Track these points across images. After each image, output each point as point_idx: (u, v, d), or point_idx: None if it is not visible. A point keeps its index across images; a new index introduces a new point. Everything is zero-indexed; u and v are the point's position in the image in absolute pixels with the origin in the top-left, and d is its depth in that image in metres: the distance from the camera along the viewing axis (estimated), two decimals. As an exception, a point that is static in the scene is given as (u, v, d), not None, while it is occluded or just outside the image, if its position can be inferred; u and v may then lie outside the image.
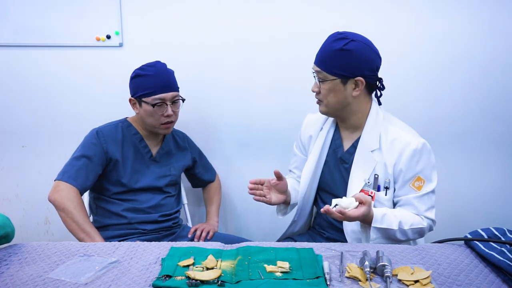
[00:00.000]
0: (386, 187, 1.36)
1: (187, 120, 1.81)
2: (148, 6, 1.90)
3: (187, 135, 1.84)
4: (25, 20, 1.90)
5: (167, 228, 1.66)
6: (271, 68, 1.93)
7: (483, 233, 1.17)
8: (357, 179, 1.38)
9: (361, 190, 1.36)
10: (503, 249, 1.07)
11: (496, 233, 1.18)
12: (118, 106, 1.85)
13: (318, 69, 1.35)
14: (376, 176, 1.37)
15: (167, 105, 1.58)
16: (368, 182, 1.37)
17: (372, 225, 1.26)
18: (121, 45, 1.93)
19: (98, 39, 1.92)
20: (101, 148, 1.56)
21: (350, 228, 1.39)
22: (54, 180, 1.52)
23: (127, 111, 1.74)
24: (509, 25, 1.83)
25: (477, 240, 1.12)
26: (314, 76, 1.38)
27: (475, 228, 1.20)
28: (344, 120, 1.44)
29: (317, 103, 1.41)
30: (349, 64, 1.31)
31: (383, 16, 1.85)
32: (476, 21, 1.84)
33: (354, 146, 1.42)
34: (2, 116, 2.01)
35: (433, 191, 1.35)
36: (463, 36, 1.85)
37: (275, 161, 2.00)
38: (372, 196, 1.35)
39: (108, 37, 1.92)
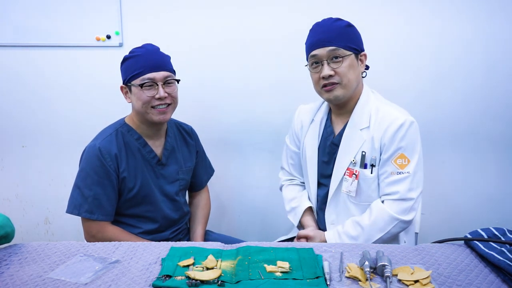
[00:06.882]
0: (372, 164, 1.34)
1: (187, 121, 1.81)
2: (148, 6, 1.90)
3: (194, 130, 1.73)
4: (25, 20, 1.90)
5: (176, 240, 1.58)
6: (270, 68, 1.93)
7: (483, 233, 1.16)
8: (344, 159, 1.38)
9: (347, 169, 1.36)
10: (503, 249, 1.07)
11: (496, 233, 1.17)
12: (118, 107, 1.85)
13: (332, 47, 1.30)
14: (364, 153, 1.35)
15: (158, 85, 1.39)
16: (353, 161, 1.36)
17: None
18: (121, 45, 1.93)
19: (98, 39, 1.92)
20: (107, 168, 1.41)
21: (330, 222, 1.45)
22: (81, 217, 1.41)
23: (127, 112, 1.74)
24: (509, 24, 1.83)
25: (477, 240, 1.12)
26: (320, 63, 1.33)
27: (475, 228, 1.20)
28: (345, 105, 1.40)
29: (329, 89, 1.34)
30: (357, 39, 1.36)
31: (383, 16, 1.85)
32: (476, 20, 1.84)
33: (345, 127, 1.41)
34: (2, 116, 2.01)
35: (415, 172, 1.31)
36: (463, 35, 1.85)
37: (275, 161, 2.00)
38: (356, 175, 1.34)
39: (108, 37, 1.92)
